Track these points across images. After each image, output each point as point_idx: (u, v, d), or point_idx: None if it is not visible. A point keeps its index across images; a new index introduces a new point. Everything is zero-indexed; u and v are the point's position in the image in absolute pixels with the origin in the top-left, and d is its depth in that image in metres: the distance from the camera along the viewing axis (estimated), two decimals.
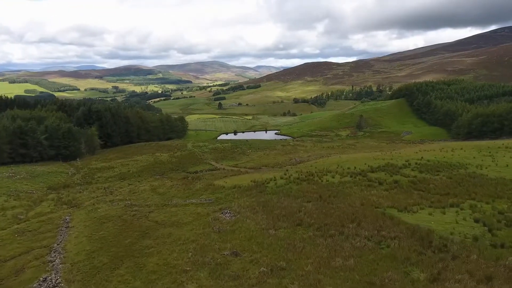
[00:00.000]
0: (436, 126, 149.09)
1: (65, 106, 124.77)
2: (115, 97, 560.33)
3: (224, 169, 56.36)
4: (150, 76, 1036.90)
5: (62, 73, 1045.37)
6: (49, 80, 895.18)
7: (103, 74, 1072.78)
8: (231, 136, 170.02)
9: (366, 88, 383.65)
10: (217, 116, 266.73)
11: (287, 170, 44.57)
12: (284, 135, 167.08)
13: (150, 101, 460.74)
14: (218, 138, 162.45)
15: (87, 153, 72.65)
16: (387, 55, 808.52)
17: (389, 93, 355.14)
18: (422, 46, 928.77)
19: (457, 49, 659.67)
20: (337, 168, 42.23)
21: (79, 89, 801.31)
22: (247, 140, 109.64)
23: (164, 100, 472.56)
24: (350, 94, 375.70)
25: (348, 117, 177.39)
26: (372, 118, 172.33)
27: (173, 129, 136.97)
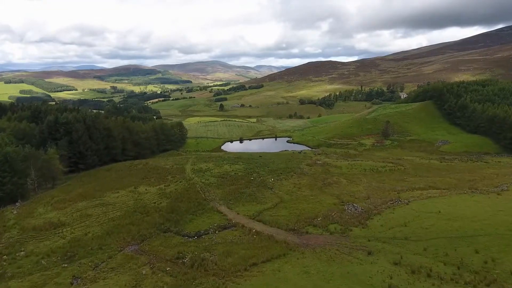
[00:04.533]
0: (476, 134, 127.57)
1: (39, 113, 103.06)
2: (113, 98, 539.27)
3: (243, 226, 34.74)
4: (149, 76, 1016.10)
5: (60, 73, 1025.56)
6: (46, 80, 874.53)
7: (102, 74, 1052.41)
8: (237, 145, 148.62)
9: (376, 89, 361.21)
10: (219, 119, 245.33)
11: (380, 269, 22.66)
12: (297, 143, 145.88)
13: (149, 102, 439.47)
14: (222, 147, 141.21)
15: (40, 187, 50.88)
16: (390, 54, 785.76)
17: (401, 93, 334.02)
18: (426, 45, 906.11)
19: (463, 48, 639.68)
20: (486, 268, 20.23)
21: (76, 90, 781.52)
22: (260, 156, 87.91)
23: (163, 101, 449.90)
24: (360, 95, 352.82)
25: (370, 122, 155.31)
26: (398, 123, 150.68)
27: (169, 138, 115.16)
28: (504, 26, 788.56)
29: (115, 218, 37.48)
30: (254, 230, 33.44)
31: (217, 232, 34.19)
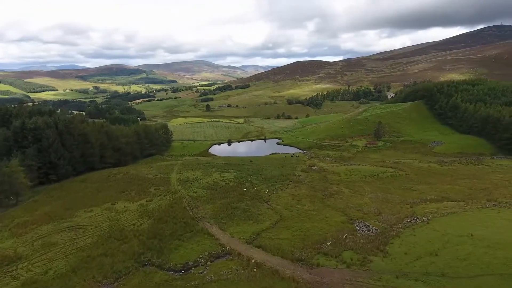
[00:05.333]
0: (469, 135, 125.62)
1: (10, 116, 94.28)
2: (95, 98, 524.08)
3: (239, 254, 29.21)
4: (134, 76, 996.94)
5: (40, 73, 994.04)
6: (25, 80, 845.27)
7: (84, 73, 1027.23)
8: (225, 148, 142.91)
9: (363, 88, 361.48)
10: (205, 120, 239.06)
11: None
12: (288, 145, 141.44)
13: (133, 102, 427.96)
14: (210, 150, 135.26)
15: (0, 205, 43.91)
16: (375, 54, 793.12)
17: (388, 93, 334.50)
18: (410, 45, 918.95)
19: (447, 48, 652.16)
20: None
21: (57, 90, 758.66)
22: (251, 161, 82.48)
23: (147, 101, 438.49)
24: (347, 95, 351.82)
25: (362, 123, 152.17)
26: (390, 124, 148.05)
27: (153, 142, 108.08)
28: (484, 26, 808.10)
29: (85, 247, 31.17)
30: (253, 261, 27.84)
31: (208, 263, 28.43)
